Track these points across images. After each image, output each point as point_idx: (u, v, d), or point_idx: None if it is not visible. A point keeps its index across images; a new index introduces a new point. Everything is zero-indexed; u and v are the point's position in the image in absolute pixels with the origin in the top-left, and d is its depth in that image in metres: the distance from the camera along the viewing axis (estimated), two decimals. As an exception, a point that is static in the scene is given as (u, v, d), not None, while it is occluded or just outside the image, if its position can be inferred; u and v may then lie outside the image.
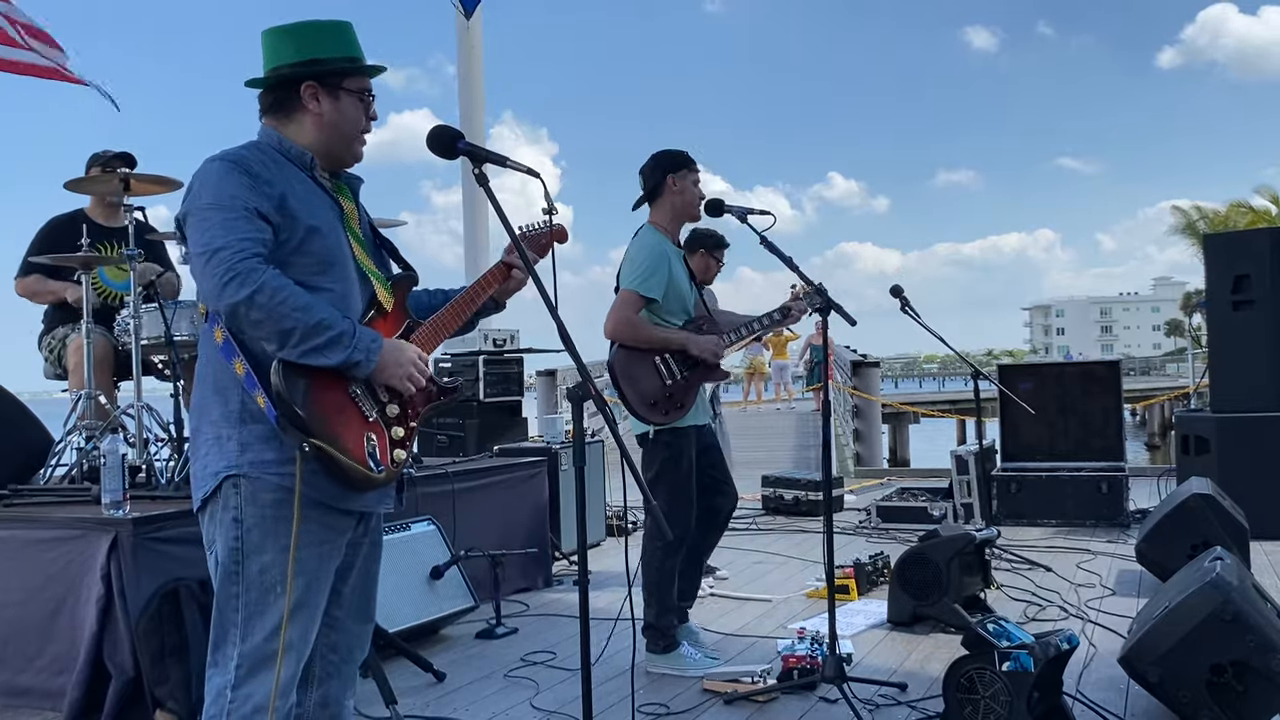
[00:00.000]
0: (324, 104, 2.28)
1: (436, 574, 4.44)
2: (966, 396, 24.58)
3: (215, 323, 2.15)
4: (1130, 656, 3.16)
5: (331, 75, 2.28)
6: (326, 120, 2.28)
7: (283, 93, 2.29)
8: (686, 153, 4.08)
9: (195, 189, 2.16)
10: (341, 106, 2.29)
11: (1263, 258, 6.45)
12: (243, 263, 2.05)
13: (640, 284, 3.89)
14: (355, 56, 2.31)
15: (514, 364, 7.43)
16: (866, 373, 13.96)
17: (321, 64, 2.27)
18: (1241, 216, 33.86)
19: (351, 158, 2.37)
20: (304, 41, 2.27)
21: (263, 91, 2.32)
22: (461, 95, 9.83)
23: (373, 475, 2.16)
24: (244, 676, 2.12)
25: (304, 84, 2.27)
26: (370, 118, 2.35)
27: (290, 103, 2.28)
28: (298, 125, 2.29)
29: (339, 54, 2.29)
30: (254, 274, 2.05)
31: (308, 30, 2.28)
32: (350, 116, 2.31)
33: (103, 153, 5.01)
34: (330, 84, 2.28)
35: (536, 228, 2.57)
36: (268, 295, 2.04)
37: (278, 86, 2.29)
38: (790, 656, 3.73)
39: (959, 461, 6.88)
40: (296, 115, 2.29)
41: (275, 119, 2.30)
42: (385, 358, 2.17)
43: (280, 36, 2.29)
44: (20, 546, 3.66)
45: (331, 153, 2.32)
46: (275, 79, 2.28)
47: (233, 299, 2.04)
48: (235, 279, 2.04)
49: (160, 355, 4.58)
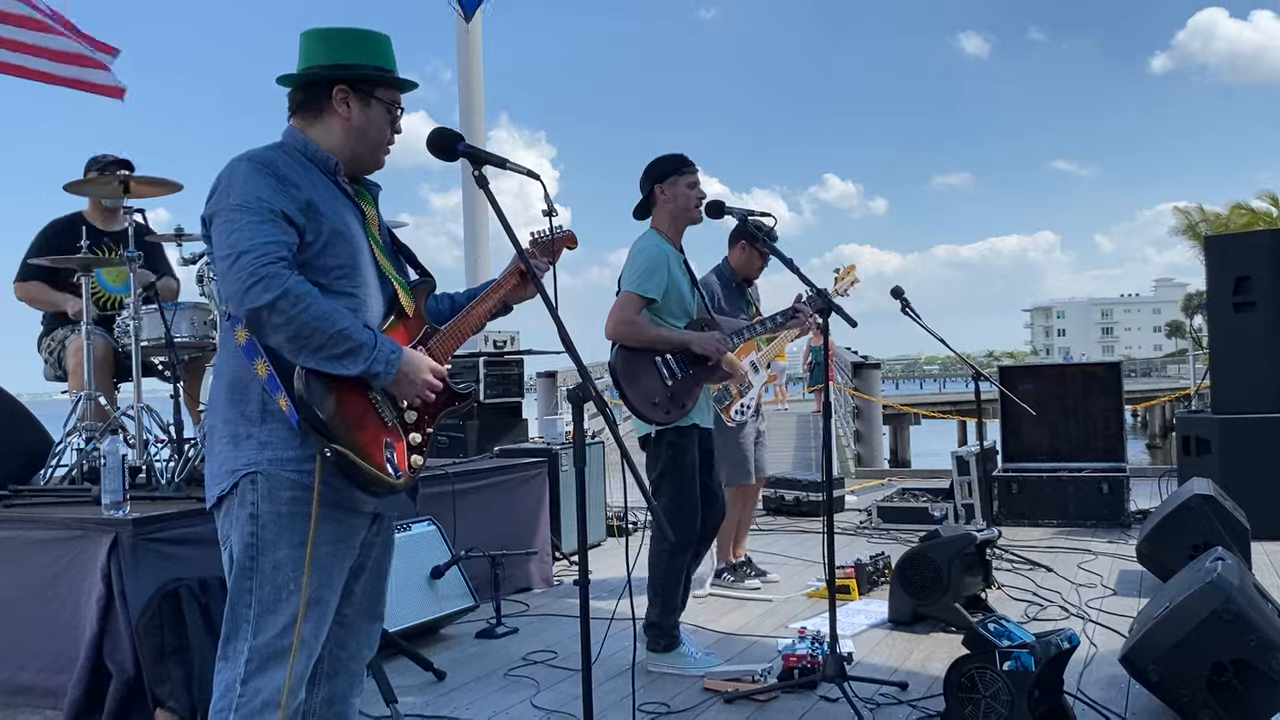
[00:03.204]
0: (354, 109, 2.28)
1: (437, 574, 4.44)
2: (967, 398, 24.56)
3: (238, 322, 2.15)
4: (1131, 656, 3.16)
5: (365, 82, 2.28)
6: (355, 125, 2.28)
7: (313, 93, 2.28)
8: (679, 156, 4.05)
9: (222, 188, 2.15)
10: (371, 114, 2.29)
11: (1263, 259, 6.45)
12: (266, 267, 2.04)
13: (639, 285, 3.89)
14: (390, 68, 2.32)
15: (514, 365, 7.44)
16: (867, 374, 13.94)
17: (356, 69, 2.27)
18: (1241, 218, 33.88)
19: (375, 164, 2.37)
20: (342, 45, 2.27)
21: (293, 90, 2.31)
22: (461, 97, 9.85)
23: (391, 481, 2.18)
24: (254, 671, 2.12)
25: (336, 87, 2.27)
26: (395, 130, 2.35)
27: (320, 104, 2.28)
28: (324, 128, 2.29)
29: (374, 62, 2.29)
30: (277, 279, 2.04)
31: (347, 35, 2.29)
32: (377, 125, 2.31)
33: (101, 157, 5.01)
34: (362, 90, 2.28)
35: (547, 234, 2.57)
36: (290, 301, 2.04)
37: (309, 86, 2.29)
38: (791, 655, 3.73)
39: (960, 462, 6.88)
40: (324, 117, 2.28)
41: (303, 119, 2.30)
42: (404, 370, 2.17)
43: (319, 38, 2.29)
44: (20, 547, 3.66)
45: (357, 158, 2.32)
46: (307, 78, 2.28)
47: (255, 304, 2.04)
48: (259, 284, 2.04)
49: (160, 356, 4.59)
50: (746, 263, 5.26)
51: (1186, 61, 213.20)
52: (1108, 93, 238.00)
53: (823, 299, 3.77)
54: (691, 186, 4.02)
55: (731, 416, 5.10)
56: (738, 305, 5.14)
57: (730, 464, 5.19)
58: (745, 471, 5.25)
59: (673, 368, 3.90)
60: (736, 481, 5.25)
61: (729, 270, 5.28)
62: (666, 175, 4.02)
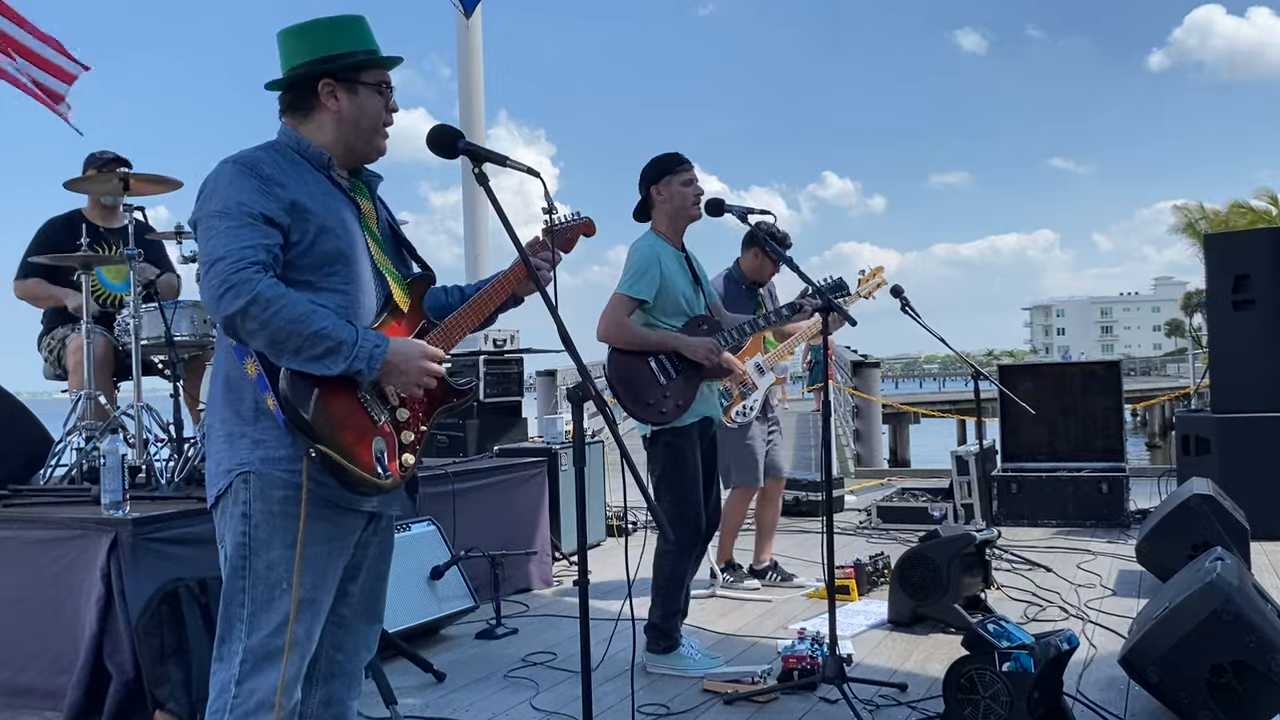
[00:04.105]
0: (342, 100, 2.26)
1: (436, 574, 4.43)
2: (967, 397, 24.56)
3: None
4: (1131, 657, 3.16)
5: (347, 70, 2.26)
6: (345, 116, 2.26)
7: (300, 91, 2.27)
8: (673, 155, 4.04)
9: (206, 193, 2.15)
10: (360, 101, 2.27)
11: (1263, 258, 6.46)
12: (238, 274, 2.03)
13: (629, 287, 3.90)
14: (371, 49, 2.29)
15: (514, 364, 7.43)
16: (867, 373, 13.93)
17: (337, 59, 2.25)
18: (1241, 217, 33.88)
19: (374, 152, 2.34)
20: (317, 39, 2.25)
21: (281, 92, 2.30)
22: (460, 94, 9.82)
23: (379, 481, 2.15)
24: (249, 671, 2.11)
25: (321, 81, 2.25)
26: (391, 109, 2.33)
27: (308, 101, 2.26)
28: (316, 124, 2.27)
29: (354, 48, 2.27)
30: (248, 285, 2.02)
31: (320, 27, 2.27)
32: (370, 110, 2.28)
33: (99, 154, 5.01)
34: (347, 79, 2.26)
35: (564, 221, 2.55)
36: (261, 306, 2.02)
37: (295, 86, 2.27)
38: (790, 657, 3.73)
39: (959, 462, 6.87)
40: (315, 114, 2.27)
41: (294, 118, 2.28)
42: (391, 363, 2.14)
43: (294, 36, 2.27)
44: (20, 547, 3.65)
45: (352, 149, 2.30)
46: (292, 79, 2.27)
47: (228, 311, 2.03)
48: (230, 290, 2.02)
49: (160, 355, 4.58)
50: (758, 268, 5.28)
51: (1184, 59, 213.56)
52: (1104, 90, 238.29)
53: (821, 296, 3.77)
54: (687, 184, 4.00)
55: (732, 418, 5.08)
56: (747, 309, 5.12)
57: (738, 465, 5.17)
58: (753, 474, 5.20)
59: (668, 368, 3.90)
60: (745, 483, 5.22)
61: (739, 273, 5.29)
62: (661, 176, 4.01)
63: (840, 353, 16.93)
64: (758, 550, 5.53)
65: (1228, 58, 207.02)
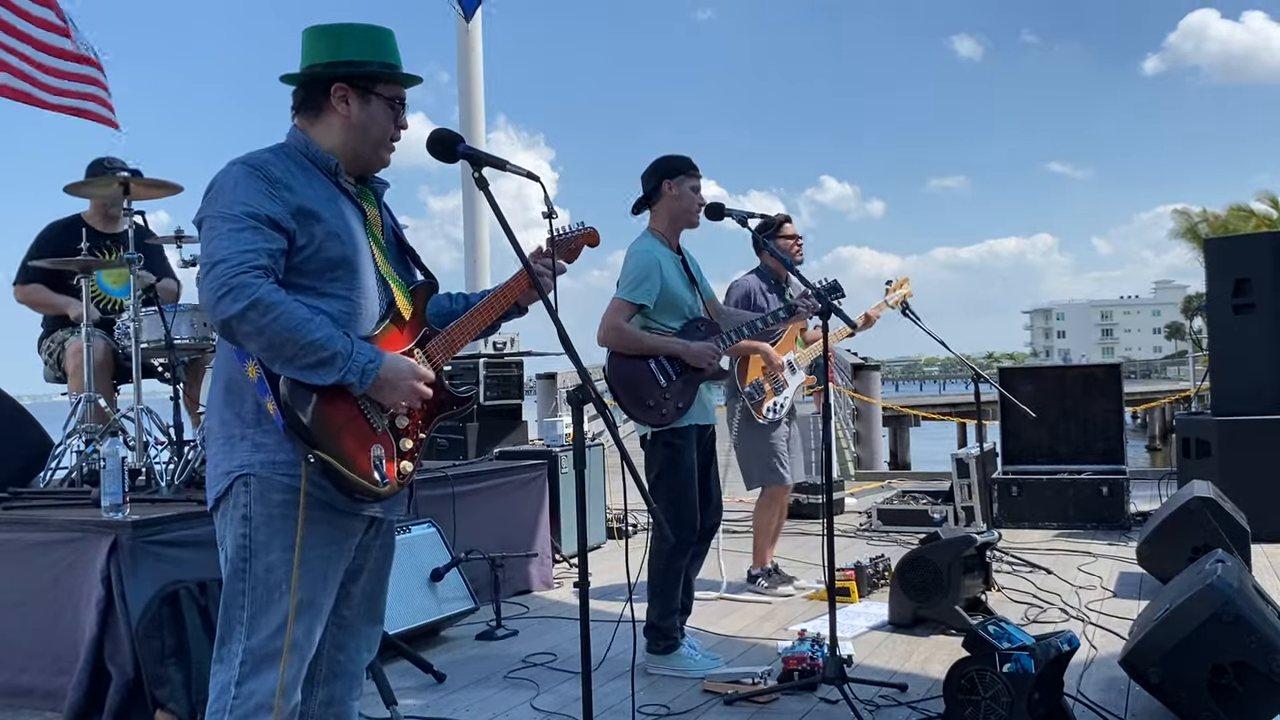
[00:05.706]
0: (353, 106, 2.26)
1: (437, 576, 4.44)
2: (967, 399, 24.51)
3: None
4: (1131, 658, 3.16)
5: (363, 78, 2.26)
6: (354, 123, 2.26)
7: (314, 91, 2.27)
8: (688, 159, 4.08)
9: (213, 193, 2.15)
10: (371, 110, 2.27)
11: (1263, 261, 6.46)
12: (237, 277, 2.02)
13: (628, 292, 3.91)
14: (391, 63, 2.29)
15: (514, 367, 7.44)
16: (867, 375, 13.92)
17: (354, 66, 2.25)
18: (1242, 221, 33.86)
19: (379, 162, 2.35)
20: (340, 42, 2.26)
21: (295, 89, 2.31)
22: (460, 99, 9.84)
23: (376, 488, 2.16)
24: (248, 673, 2.12)
25: (334, 85, 2.25)
26: (400, 126, 2.33)
27: (320, 102, 2.27)
28: (325, 126, 2.28)
29: (374, 58, 2.27)
30: (246, 289, 2.02)
31: (346, 32, 2.28)
32: (379, 121, 2.29)
33: (106, 161, 5.01)
34: (361, 86, 2.26)
35: (567, 231, 2.56)
36: (259, 311, 2.02)
37: (309, 85, 2.28)
38: (791, 657, 3.73)
39: (960, 464, 6.87)
40: (325, 116, 2.27)
41: (304, 118, 2.29)
42: (384, 379, 2.14)
43: (318, 35, 2.28)
44: (20, 549, 3.66)
45: (358, 156, 2.30)
46: (307, 77, 2.28)
47: (224, 314, 2.02)
48: (229, 294, 2.02)
49: (160, 358, 4.58)
50: (779, 265, 5.28)
51: (1179, 63, 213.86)
52: (1101, 95, 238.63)
53: (820, 300, 3.77)
54: (695, 190, 4.06)
55: (763, 414, 5.03)
56: (779, 303, 5.13)
57: (760, 465, 5.10)
58: (778, 473, 5.11)
59: (668, 370, 3.91)
60: (768, 483, 5.15)
61: (767, 269, 5.31)
62: (677, 173, 4.03)
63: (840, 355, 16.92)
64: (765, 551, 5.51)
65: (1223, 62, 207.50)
